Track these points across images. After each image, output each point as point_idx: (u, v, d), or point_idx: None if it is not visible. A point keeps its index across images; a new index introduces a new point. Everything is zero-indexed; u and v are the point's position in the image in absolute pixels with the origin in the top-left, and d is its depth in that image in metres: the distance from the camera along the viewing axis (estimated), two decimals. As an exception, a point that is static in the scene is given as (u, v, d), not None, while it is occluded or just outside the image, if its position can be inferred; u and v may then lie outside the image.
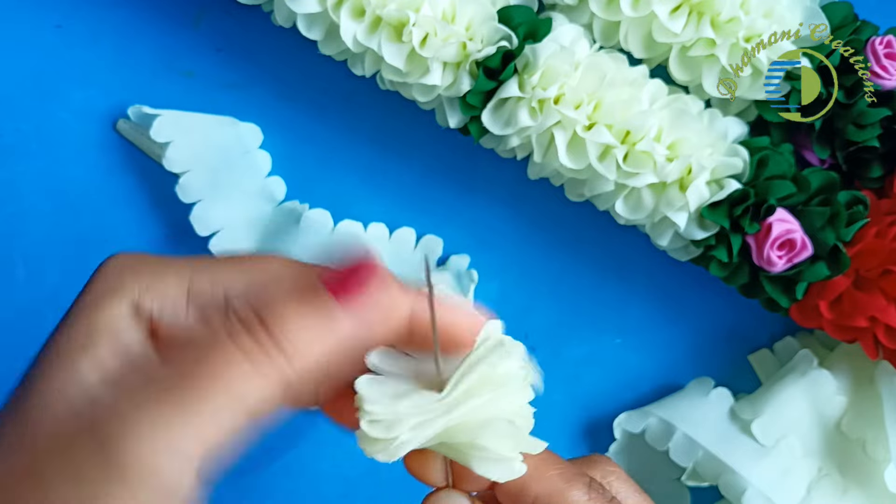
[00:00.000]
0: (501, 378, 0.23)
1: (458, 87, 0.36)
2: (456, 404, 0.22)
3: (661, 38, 0.36)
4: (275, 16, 0.37)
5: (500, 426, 0.23)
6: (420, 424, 0.22)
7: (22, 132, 0.41)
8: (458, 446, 0.23)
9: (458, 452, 0.23)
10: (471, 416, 0.22)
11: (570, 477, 0.25)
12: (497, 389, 0.23)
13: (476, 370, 0.23)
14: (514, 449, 0.23)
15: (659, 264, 0.42)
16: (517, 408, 0.23)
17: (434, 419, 0.22)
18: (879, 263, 0.35)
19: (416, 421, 0.22)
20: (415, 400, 0.22)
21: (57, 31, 0.42)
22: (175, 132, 0.39)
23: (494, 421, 0.23)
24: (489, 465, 0.23)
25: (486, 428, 0.22)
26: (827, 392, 0.39)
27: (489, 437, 0.22)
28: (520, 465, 0.23)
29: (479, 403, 0.22)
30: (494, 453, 0.22)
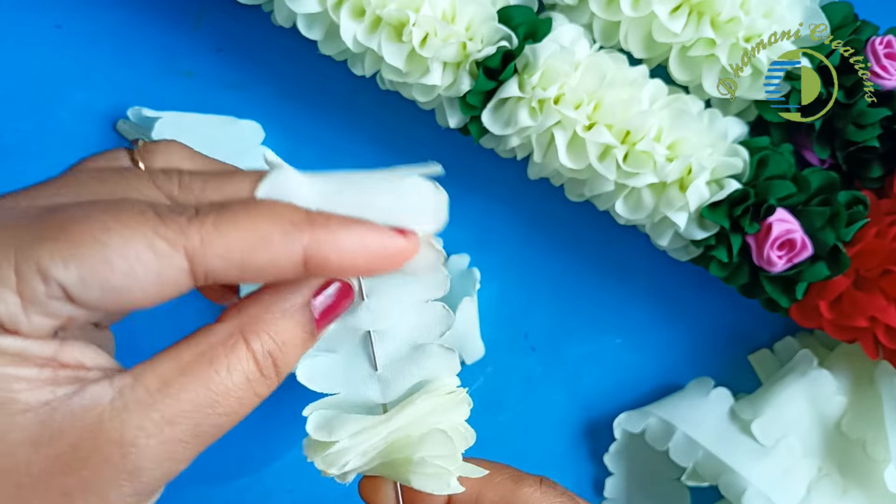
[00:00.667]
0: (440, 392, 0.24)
1: (458, 87, 0.36)
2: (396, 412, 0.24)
3: (661, 38, 0.36)
4: (275, 16, 0.37)
5: (437, 437, 0.24)
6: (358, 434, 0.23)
7: (22, 132, 0.41)
8: (398, 463, 0.24)
9: (398, 472, 0.24)
10: (407, 429, 0.24)
11: (520, 477, 0.26)
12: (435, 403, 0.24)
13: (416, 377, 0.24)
14: (449, 461, 0.24)
15: (659, 264, 0.42)
16: (454, 422, 0.24)
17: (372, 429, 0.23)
18: (879, 263, 0.35)
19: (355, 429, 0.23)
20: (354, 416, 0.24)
21: (57, 31, 0.42)
22: (177, 133, 0.39)
23: (433, 433, 0.24)
24: (426, 480, 0.24)
25: (424, 441, 0.24)
26: (827, 392, 0.39)
27: (425, 449, 0.23)
28: (455, 482, 0.24)
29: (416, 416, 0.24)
30: (431, 466, 0.23)
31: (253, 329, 0.21)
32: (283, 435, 0.42)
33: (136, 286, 0.19)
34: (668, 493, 0.42)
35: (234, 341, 0.21)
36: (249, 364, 0.21)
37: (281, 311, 0.22)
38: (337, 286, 0.23)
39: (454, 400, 0.24)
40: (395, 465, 0.24)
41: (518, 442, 0.42)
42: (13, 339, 0.19)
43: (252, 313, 0.22)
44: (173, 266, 0.19)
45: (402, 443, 0.24)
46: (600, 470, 0.43)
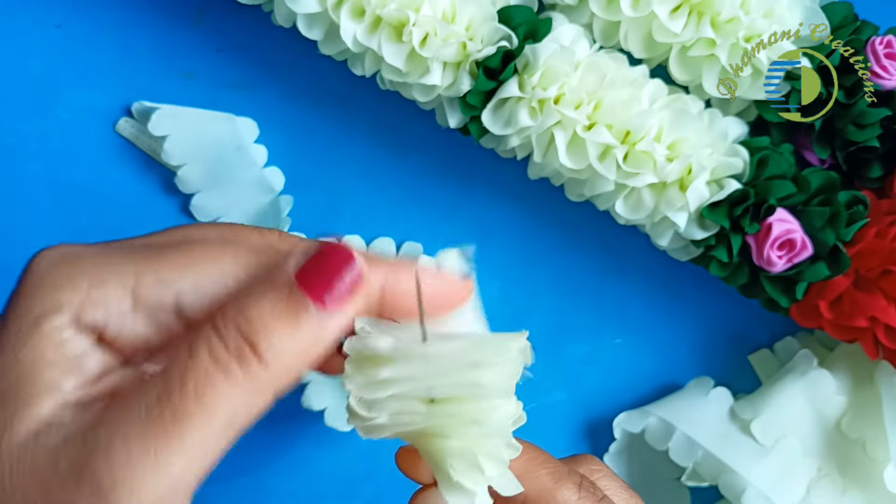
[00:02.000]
0: (488, 410, 0.23)
1: (458, 87, 0.36)
2: (438, 413, 0.22)
3: (661, 38, 0.36)
4: (275, 16, 0.37)
5: (469, 459, 0.22)
6: (399, 415, 0.22)
7: (22, 132, 0.41)
8: (432, 455, 0.23)
9: (432, 460, 0.23)
10: (448, 430, 0.22)
11: (560, 476, 0.25)
12: (479, 417, 0.23)
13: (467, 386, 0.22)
14: (475, 484, 0.23)
15: (659, 264, 0.42)
16: (493, 445, 0.23)
17: (413, 416, 0.22)
18: (879, 263, 0.35)
19: (396, 410, 0.22)
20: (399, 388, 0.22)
21: (57, 31, 0.42)
22: (172, 126, 0.40)
23: (466, 452, 0.22)
24: (451, 490, 0.23)
25: (455, 455, 0.22)
26: (827, 392, 0.39)
27: (456, 465, 0.22)
28: (482, 499, 0.23)
29: (458, 422, 0.22)
30: (456, 482, 0.23)
31: (220, 310, 0.20)
32: (283, 435, 0.42)
33: None
34: (668, 493, 0.42)
35: (201, 327, 0.20)
36: (212, 339, 0.19)
37: (253, 288, 0.20)
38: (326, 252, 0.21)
39: (500, 421, 0.23)
40: (430, 455, 0.23)
41: (518, 442, 0.42)
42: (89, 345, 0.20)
43: (227, 302, 0.21)
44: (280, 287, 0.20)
45: (438, 440, 0.23)
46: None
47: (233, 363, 0.19)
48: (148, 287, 0.20)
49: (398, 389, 0.22)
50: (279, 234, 0.23)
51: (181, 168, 0.40)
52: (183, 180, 0.40)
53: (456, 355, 0.22)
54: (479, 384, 0.22)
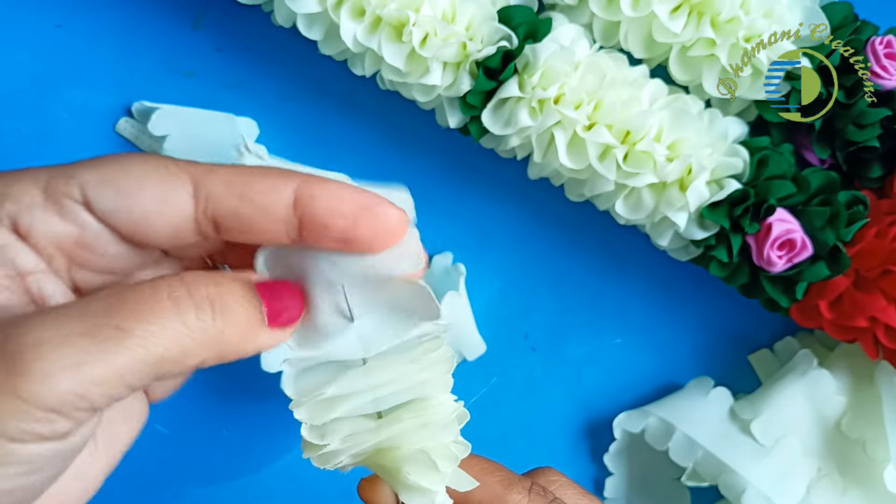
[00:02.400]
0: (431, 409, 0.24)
1: (458, 87, 0.36)
2: (386, 425, 0.23)
3: (661, 38, 0.36)
4: (275, 16, 0.37)
5: (422, 459, 0.23)
6: (350, 436, 0.23)
7: (22, 132, 0.41)
8: (388, 470, 0.24)
9: (388, 476, 0.24)
10: (397, 441, 0.23)
11: (511, 482, 0.26)
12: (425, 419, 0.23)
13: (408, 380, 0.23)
14: (434, 483, 0.23)
15: (659, 264, 0.42)
16: (443, 442, 0.24)
17: (364, 434, 0.23)
18: (879, 263, 0.35)
19: (347, 433, 0.23)
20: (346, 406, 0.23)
21: (57, 31, 0.42)
22: (172, 126, 0.40)
23: (418, 454, 0.23)
24: (412, 495, 0.23)
25: (410, 459, 0.23)
26: (827, 392, 0.39)
27: (412, 469, 0.23)
28: (442, 498, 0.24)
29: (407, 429, 0.23)
30: (416, 484, 0.23)
31: (190, 272, 0.21)
32: (283, 435, 0.42)
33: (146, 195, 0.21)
34: (668, 493, 0.42)
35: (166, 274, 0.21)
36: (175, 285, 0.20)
37: (221, 273, 0.22)
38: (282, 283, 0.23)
39: (444, 417, 0.23)
40: (386, 471, 0.24)
41: (518, 442, 0.42)
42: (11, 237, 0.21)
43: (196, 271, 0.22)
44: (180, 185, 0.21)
45: (391, 453, 0.23)
46: (600, 470, 0.43)
47: (190, 308, 0.20)
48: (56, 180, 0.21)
49: (345, 407, 0.23)
50: None
51: None
52: None
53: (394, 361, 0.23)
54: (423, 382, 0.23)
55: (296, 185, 0.21)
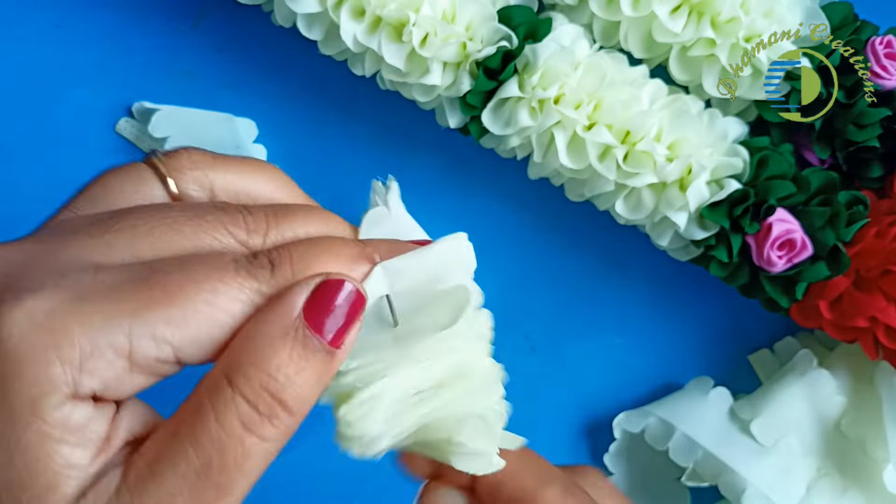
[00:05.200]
0: (474, 373, 0.23)
1: (458, 87, 0.36)
2: (429, 398, 0.22)
3: (661, 38, 0.36)
4: (275, 16, 0.37)
5: (473, 423, 0.23)
6: (392, 417, 0.22)
7: (22, 132, 0.41)
8: (436, 444, 0.23)
9: (435, 450, 0.23)
10: (443, 411, 0.23)
11: (546, 479, 0.25)
12: (469, 384, 0.23)
13: (447, 359, 0.23)
14: (489, 444, 0.23)
15: (659, 264, 0.42)
16: (490, 403, 0.23)
17: (405, 412, 0.22)
18: (879, 263, 0.35)
19: (388, 413, 0.22)
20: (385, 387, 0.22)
21: (57, 31, 0.42)
22: (173, 127, 0.40)
23: (468, 418, 0.23)
24: (467, 461, 0.23)
25: (459, 425, 0.23)
26: (826, 392, 0.39)
27: (464, 434, 0.23)
28: (497, 459, 0.23)
29: (451, 398, 0.23)
30: (471, 449, 0.23)
31: (235, 365, 0.19)
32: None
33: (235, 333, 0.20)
34: (668, 493, 0.42)
35: (217, 387, 0.19)
36: (239, 405, 0.19)
37: (265, 336, 0.20)
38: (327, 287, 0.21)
39: (488, 378, 0.23)
40: (433, 446, 0.23)
41: (518, 442, 0.42)
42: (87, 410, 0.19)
43: (235, 350, 0.20)
44: None
45: (437, 425, 0.23)
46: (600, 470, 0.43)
47: (266, 425, 0.19)
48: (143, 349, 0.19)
49: (390, 398, 0.22)
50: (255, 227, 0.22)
51: None
52: None
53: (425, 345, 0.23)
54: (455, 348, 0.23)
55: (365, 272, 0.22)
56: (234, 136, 0.41)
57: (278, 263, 0.20)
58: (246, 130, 0.42)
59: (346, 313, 0.21)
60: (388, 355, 0.22)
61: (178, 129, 0.40)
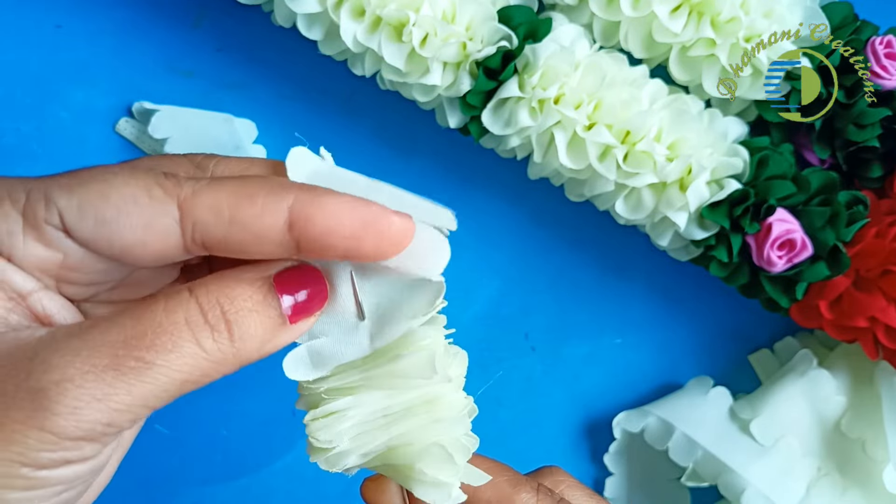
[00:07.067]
0: (442, 403, 0.23)
1: (458, 87, 0.36)
2: (396, 422, 0.23)
3: (661, 38, 0.36)
4: (275, 16, 0.37)
5: (438, 453, 0.23)
6: (359, 435, 0.23)
7: (22, 132, 0.41)
8: (400, 468, 0.23)
9: (400, 475, 0.24)
10: (408, 437, 0.23)
11: (518, 482, 0.26)
12: (436, 414, 0.23)
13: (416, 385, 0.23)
14: (450, 476, 0.23)
15: (659, 264, 0.42)
16: (456, 435, 0.23)
17: (373, 432, 0.23)
18: (879, 263, 0.35)
19: (355, 431, 0.23)
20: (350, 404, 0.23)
21: (57, 31, 0.42)
22: (173, 128, 0.40)
23: (433, 447, 0.23)
24: (427, 490, 0.23)
25: (424, 454, 0.23)
26: (826, 392, 0.39)
27: (427, 463, 0.23)
28: (457, 492, 0.23)
29: (417, 425, 0.23)
30: (431, 479, 0.23)
31: (200, 283, 0.21)
32: (283, 435, 0.42)
33: (127, 224, 0.20)
34: (668, 493, 0.42)
35: (177, 290, 0.20)
36: (190, 306, 0.20)
37: (236, 276, 0.21)
38: (303, 269, 0.22)
39: (456, 411, 0.23)
40: (397, 469, 0.24)
41: (518, 441, 0.42)
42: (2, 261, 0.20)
43: (206, 278, 0.21)
44: (164, 213, 0.20)
45: (403, 450, 0.23)
46: (600, 470, 0.43)
47: (206, 332, 0.20)
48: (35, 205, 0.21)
49: (356, 416, 0.23)
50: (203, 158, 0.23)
51: None
52: None
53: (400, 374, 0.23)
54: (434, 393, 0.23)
55: (289, 205, 0.21)
56: (234, 137, 0.41)
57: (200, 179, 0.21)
58: (245, 131, 0.42)
59: (310, 302, 0.22)
60: (359, 375, 0.23)
61: (178, 129, 0.40)
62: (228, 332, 0.20)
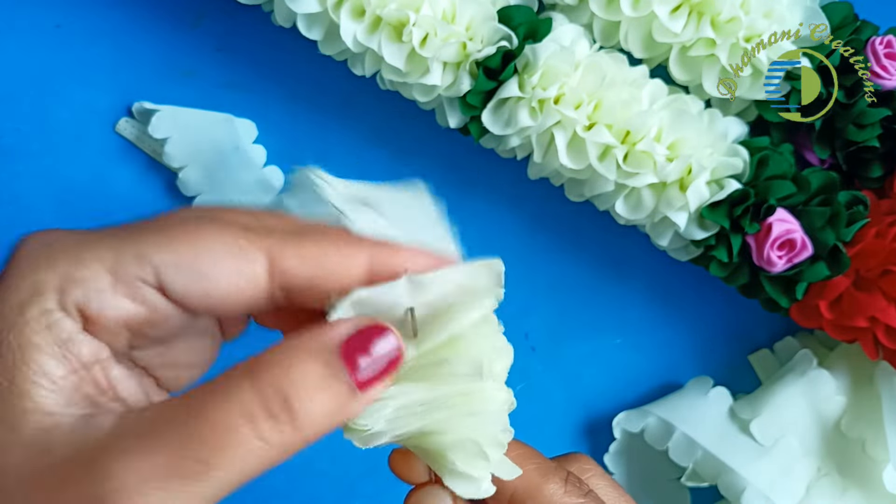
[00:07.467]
0: (480, 398, 0.23)
1: (458, 87, 0.36)
2: (433, 409, 0.23)
3: (661, 38, 0.36)
4: (275, 16, 0.37)
5: (472, 448, 0.23)
6: (395, 419, 0.22)
7: (22, 132, 0.41)
8: (432, 453, 0.23)
9: (431, 459, 0.24)
10: (444, 425, 0.23)
11: (547, 471, 0.25)
12: (474, 408, 0.23)
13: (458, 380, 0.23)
14: (481, 471, 0.23)
15: (659, 264, 0.42)
16: (492, 431, 0.23)
17: (408, 417, 0.22)
18: (879, 263, 0.35)
19: (391, 416, 0.22)
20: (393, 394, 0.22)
21: (57, 30, 0.42)
22: (173, 128, 0.40)
23: (467, 442, 0.23)
24: (458, 481, 0.23)
25: (458, 447, 0.23)
26: (826, 392, 0.39)
27: (458, 456, 0.23)
28: (488, 486, 0.23)
29: (453, 417, 0.23)
30: (462, 471, 0.23)
31: (262, 364, 0.20)
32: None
33: (222, 276, 0.21)
34: (668, 493, 0.42)
35: (238, 375, 0.20)
36: (250, 398, 0.19)
37: (299, 348, 0.20)
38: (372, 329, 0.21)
39: (494, 407, 0.23)
40: (429, 454, 0.23)
41: (518, 442, 0.42)
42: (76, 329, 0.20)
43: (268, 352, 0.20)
44: (254, 261, 0.21)
45: (437, 437, 0.23)
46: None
47: (266, 422, 0.19)
48: (126, 264, 0.20)
49: (396, 404, 0.22)
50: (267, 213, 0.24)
51: (182, 170, 0.40)
52: (184, 183, 0.40)
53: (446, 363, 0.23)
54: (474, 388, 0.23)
55: (368, 256, 0.22)
56: (234, 137, 0.41)
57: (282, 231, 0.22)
58: (245, 131, 0.42)
59: (383, 365, 0.21)
60: (406, 369, 0.22)
61: (178, 129, 0.40)
62: (290, 418, 0.20)
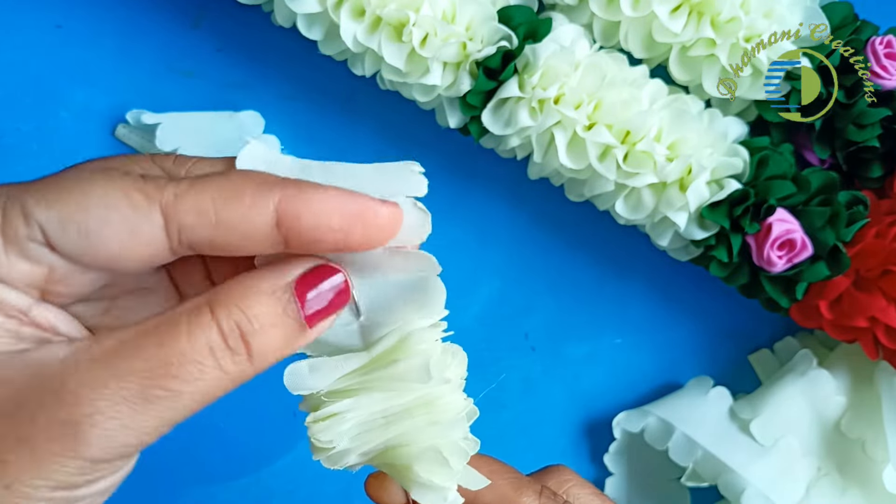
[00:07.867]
0: (439, 405, 0.23)
1: (458, 87, 0.36)
2: (395, 423, 0.23)
3: (661, 38, 0.36)
4: (275, 16, 0.37)
5: (433, 456, 0.23)
6: (359, 435, 0.23)
7: (22, 132, 0.41)
8: (398, 468, 0.24)
9: (398, 475, 0.24)
10: (406, 438, 0.23)
11: (520, 485, 0.25)
12: (433, 416, 0.23)
13: (414, 387, 0.23)
14: (446, 479, 0.23)
15: (659, 264, 0.42)
16: (453, 438, 0.23)
17: (372, 432, 0.23)
18: (879, 263, 0.35)
19: (354, 431, 0.23)
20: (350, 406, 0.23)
21: (57, 31, 0.42)
22: (180, 137, 0.39)
23: (428, 451, 0.23)
24: (423, 492, 0.23)
25: (420, 456, 0.23)
26: (826, 392, 0.39)
27: (421, 466, 0.23)
28: (454, 495, 0.23)
29: (414, 427, 0.23)
30: (426, 481, 0.23)
31: (222, 300, 0.21)
32: (283, 435, 0.42)
33: (112, 235, 0.20)
34: (668, 493, 0.42)
35: (198, 309, 0.20)
36: (212, 331, 0.20)
37: (256, 287, 0.21)
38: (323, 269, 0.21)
39: (454, 414, 0.23)
40: (396, 469, 0.24)
41: (518, 441, 0.42)
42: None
43: (225, 288, 0.21)
44: (148, 219, 0.20)
45: (401, 450, 0.23)
46: (600, 470, 0.43)
47: (227, 357, 0.20)
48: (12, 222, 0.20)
49: (356, 418, 0.23)
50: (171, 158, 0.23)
51: None
52: None
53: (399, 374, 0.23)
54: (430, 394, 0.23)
55: (276, 203, 0.20)
56: (241, 131, 0.41)
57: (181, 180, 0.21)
58: (253, 123, 0.41)
59: (330, 300, 0.22)
60: (359, 378, 0.23)
61: (185, 136, 0.39)
62: (247, 353, 0.21)
